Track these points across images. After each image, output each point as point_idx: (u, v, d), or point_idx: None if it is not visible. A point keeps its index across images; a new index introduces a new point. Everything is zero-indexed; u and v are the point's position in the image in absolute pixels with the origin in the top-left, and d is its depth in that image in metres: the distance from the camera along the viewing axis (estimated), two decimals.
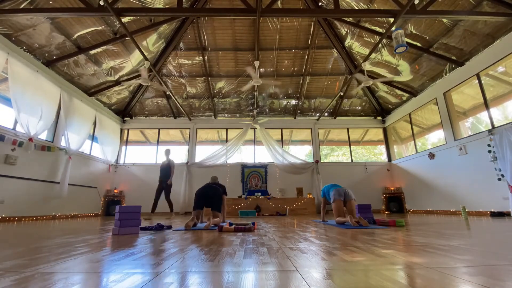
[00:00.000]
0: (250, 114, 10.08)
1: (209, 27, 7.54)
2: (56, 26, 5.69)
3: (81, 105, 7.40)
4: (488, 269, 1.15)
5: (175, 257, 1.51)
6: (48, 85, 6.26)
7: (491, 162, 5.51)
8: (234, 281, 1.03)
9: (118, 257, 1.50)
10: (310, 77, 8.92)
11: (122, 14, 4.75)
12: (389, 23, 6.31)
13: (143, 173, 9.34)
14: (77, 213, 7.31)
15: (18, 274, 1.12)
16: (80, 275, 1.13)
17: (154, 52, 7.86)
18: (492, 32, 5.50)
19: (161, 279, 1.06)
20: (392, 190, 9.09)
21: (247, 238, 2.37)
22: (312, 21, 7.48)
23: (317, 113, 10.09)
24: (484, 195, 5.74)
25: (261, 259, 1.43)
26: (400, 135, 9.63)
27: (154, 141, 10.08)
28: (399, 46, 4.88)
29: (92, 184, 8.02)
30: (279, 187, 9.39)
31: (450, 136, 6.77)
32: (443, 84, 7.00)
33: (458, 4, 5.36)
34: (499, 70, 5.80)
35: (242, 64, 8.48)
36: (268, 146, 9.58)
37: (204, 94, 9.36)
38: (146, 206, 8.88)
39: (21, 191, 5.57)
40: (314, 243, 1.99)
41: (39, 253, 1.65)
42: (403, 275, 1.08)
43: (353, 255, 1.51)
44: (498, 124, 5.53)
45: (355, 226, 3.30)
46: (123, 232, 2.71)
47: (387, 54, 7.35)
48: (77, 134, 7.15)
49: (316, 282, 0.99)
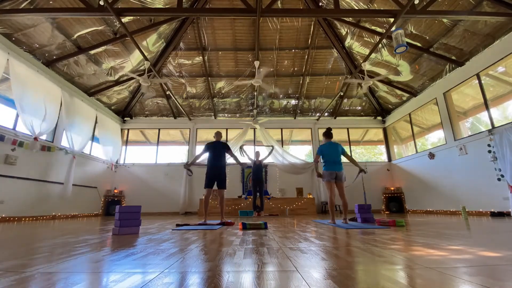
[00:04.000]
0: (250, 114, 10.08)
1: (209, 27, 7.54)
2: (56, 26, 5.69)
3: (82, 105, 7.40)
4: (488, 269, 1.15)
5: (175, 257, 1.51)
6: (49, 85, 6.27)
7: (491, 162, 5.51)
8: (234, 281, 1.03)
9: (118, 257, 1.50)
10: (310, 77, 8.92)
11: (122, 14, 4.75)
12: (389, 23, 6.31)
13: (143, 173, 9.34)
14: (77, 213, 7.31)
15: (18, 274, 1.13)
16: (80, 275, 1.13)
17: (154, 52, 7.86)
18: (492, 32, 5.49)
19: (161, 279, 1.06)
20: (392, 190, 9.08)
21: (247, 238, 2.37)
22: (312, 21, 7.48)
23: (317, 113, 10.09)
24: (484, 195, 5.74)
25: (261, 259, 1.43)
26: (400, 135, 9.63)
27: (154, 141, 10.08)
28: (399, 46, 4.88)
29: (92, 184, 8.02)
30: (279, 187, 9.39)
31: (450, 136, 6.77)
32: (443, 84, 7.00)
33: (458, 4, 5.36)
34: (499, 70, 5.80)
35: (242, 64, 8.49)
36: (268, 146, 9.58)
37: (204, 94, 9.36)
38: (146, 206, 8.91)
39: (21, 191, 5.57)
40: (314, 243, 1.99)
41: (39, 253, 1.65)
42: (403, 275, 1.08)
43: (353, 255, 1.51)
44: (498, 124, 5.53)
45: (346, 224, 3.50)
46: (123, 232, 2.71)
47: (387, 54, 7.35)
48: (79, 134, 7.15)
49: (316, 282, 0.99)
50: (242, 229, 3.19)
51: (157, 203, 8.99)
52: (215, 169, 4.43)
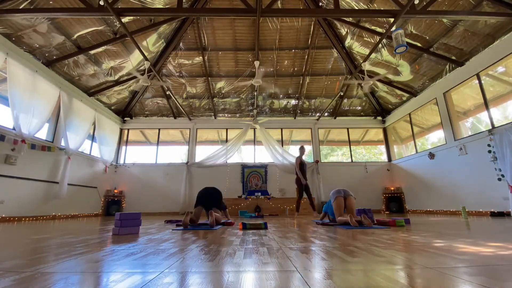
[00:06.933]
0: (250, 114, 10.08)
1: (209, 27, 7.54)
2: (56, 26, 5.69)
3: (81, 105, 7.39)
4: (488, 269, 1.15)
5: (175, 257, 1.51)
6: (46, 85, 6.23)
7: (491, 162, 5.51)
8: (234, 281, 1.03)
9: (118, 257, 1.50)
10: (310, 77, 8.92)
11: (122, 14, 4.75)
12: (389, 23, 6.31)
13: (143, 173, 9.34)
14: (77, 213, 7.31)
15: (18, 274, 1.12)
16: (80, 275, 1.12)
17: (154, 52, 7.86)
18: (492, 32, 5.49)
19: (161, 279, 1.06)
20: (392, 190, 9.08)
21: (247, 238, 2.37)
22: (312, 21, 7.48)
23: (317, 113, 10.09)
24: (484, 195, 5.74)
25: (261, 259, 1.43)
26: (400, 135, 9.63)
27: (154, 141, 10.08)
28: (399, 46, 4.88)
29: (92, 184, 8.02)
30: (279, 187, 9.39)
31: (450, 136, 6.76)
32: (443, 84, 7.00)
33: (458, 4, 5.36)
34: (499, 70, 5.80)
35: (242, 64, 8.49)
36: (268, 146, 9.58)
37: (204, 94, 9.36)
38: (146, 206, 8.91)
39: (21, 191, 5.57)
40: (314, 243, 1.99)
41: (39, 253, 1.65)
42: (403, 275, 1.08)
43: (353, 255, 1.51)
44: (498, 124, 5.53)
45: (355, 226, 3.26)
46: (123, 232, 2.71)
47: (387, 54, 7.35)
48: (76, 134, 7.14)
49: (316, 282, 0.99)
50: (242, 229, 3.19)
51: (157, 203, 8.99)
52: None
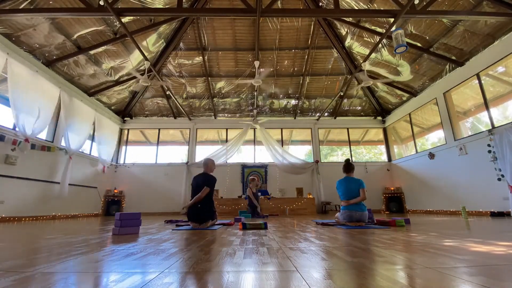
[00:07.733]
0: (250, 114, 10.08)
1: (209, 27, 7.54)
2: (56, 26, 5.69)
3: (81, 105, 7.39)
4: (488, 269, 1.15)
5: (175, 257, 1.51)
6: (47, 85, 6.24)
7: (491, 162, 5.51)
8: (234, 281, 1.03)
9: (118, 257, 1.50)
10: (310, 77, 8.92)
11: (122, 14, 4.75)
12: (389, 23, 6.31)
13: (143, 173, 9.34)
14: (77, 213, 7.31)
15: (18, 274, 1.13)
16: (80, 275, 1.13)
17: (154, 52, 7.86)
18: (492, 32, 5.49)
19: (161, 279, 1.06)
20: (392, 190, 9.08)
21: (247, 238, 2.37)
22: (312, 21, 7.48)
23: (317, 113, 10.09)
24: (484, 195, 5.74)
25: (261, 259, 1.43)
26: (400, 135, 9.63)
27: (154, 141, 10.08)
28: (399, 46, 4.88)
29: (92, 184, 8.01)
30: (279, 187, 9.39)
31: (450, 136, 6.76)
32: (443, 84, 7.00)
33: (458, 4, 5.36)
34: (499, 70, 5.80)
35: (242, 64, 8.48)
36: (268, 146, 9.57)
37: (204, 94, 9.36)
38: (146, 206, 8.91)
39: (21, 191, 5.57)
40: (314, 243, 1.99)
41: (39, 253, 1.65)
42: (403, 275, 1.08)
43: (353, 255, 1.51)
44: (498, 124, 5.53)
45: (355, 226, 3.30)
46: (123, 232, 2.71)
47: (387, 54, 7.35)
48: (77, 134, 7.14)
49: (316, 282, 0.99)
50: (242, 229, 3.19)
51: (157, 203, 8.99)
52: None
